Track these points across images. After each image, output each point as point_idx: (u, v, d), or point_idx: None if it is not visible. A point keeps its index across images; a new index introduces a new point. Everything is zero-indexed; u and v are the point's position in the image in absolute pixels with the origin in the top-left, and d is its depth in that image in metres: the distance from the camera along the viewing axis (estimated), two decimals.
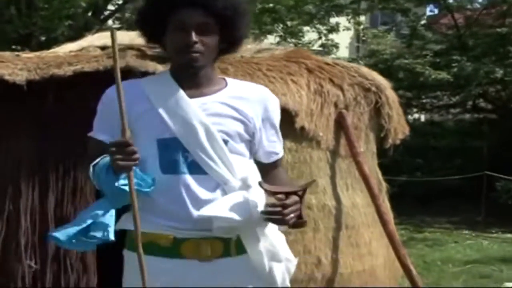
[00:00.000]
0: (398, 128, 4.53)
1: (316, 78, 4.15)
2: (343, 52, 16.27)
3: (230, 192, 2.00)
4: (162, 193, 1.98)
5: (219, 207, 1.95)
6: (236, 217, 1.93)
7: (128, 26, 12.49)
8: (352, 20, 14.03)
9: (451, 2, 11.71)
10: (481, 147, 11.19)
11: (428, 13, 15.44)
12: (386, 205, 4.13)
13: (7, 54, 3.87)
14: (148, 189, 1.93)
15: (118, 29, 11.80)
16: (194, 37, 1.97)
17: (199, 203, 1.96)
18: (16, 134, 3.54)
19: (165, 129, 2.01)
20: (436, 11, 14.98)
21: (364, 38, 15.03)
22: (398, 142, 4.60)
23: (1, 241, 3.57)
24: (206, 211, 1.94)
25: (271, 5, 12.65)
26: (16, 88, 3.47)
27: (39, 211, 3.63)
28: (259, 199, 1.98)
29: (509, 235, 8.18)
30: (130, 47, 3.81)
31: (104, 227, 1.90)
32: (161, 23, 2.05)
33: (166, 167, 2.00)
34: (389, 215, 4.01)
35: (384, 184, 4.42)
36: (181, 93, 2.03)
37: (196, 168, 2.00)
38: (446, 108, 12.79)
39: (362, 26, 15.12)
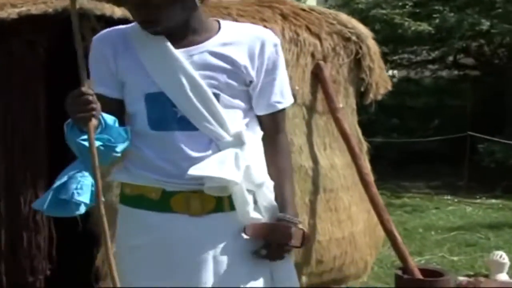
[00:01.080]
0: (380, 82, 4.62)
1: (292, 26, 4.18)
2: (310, 2, 16.26)
3: (223, 148, 2.04)
4: (152, 148, 2.04)
5: (210, 166, 2.00)
6: (227, 176, 1.98)
7: None
8: None
9: None
10: (461, 106, 11.42)
11: None
12: (367, 166, 4.21)
13: None
14: (122, 144, 1.96)
15: None
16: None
17: (191, 160, 2.01)
18: None
19: (152, 83, 2.04)
20: None
21: None
22: (379, 97, 4.70)
23: None
24: (196, 171, 1.99)
25: None
26: None
27: None
28: (253, 155, 2.06)
29: (493, 201, 8.41)
30: None
31: (78, 183, 1.92)
32: None
33: (155, 123, 2.05)
34: (371, 176, 4.10)
35: (364, 144, 4.51)
36: (167, 44, 2.04)
37: (186, 124, 2.04)
38: (424, 64, 12.93)
39: None
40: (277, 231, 2.07)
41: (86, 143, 1.86)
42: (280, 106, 2.18)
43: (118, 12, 3.61)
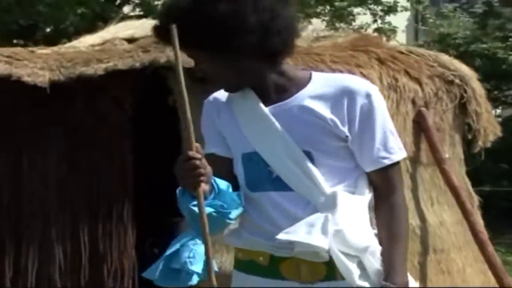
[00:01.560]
0: (489, 127, 4.52)
1: (390, 70, 4.16)
2: (400, 37, 16.16)
3: (320, 209, 2.05)
4: (255, 211, 2.10)
5: (298, 230, 2.02)
6: (313, 242, 1.99)
7: (146, 11, 12.63)
8: None
9: None
10: None
11: None
12: (480, 223, 4.09)
13: (19, 49, 4.00)
14: (235, 210, 2.02)
15: (139, 17, 11.94)
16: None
17: (290, 221, 2.04)
18: (40, 146, 3.65)
19: (247, 143, 2.10)
20: None
21: (430, 19, 14.87)
22: (488, 145, 4.58)
23: (35, 272, 3.70)
24: (285, 236, 2.01)
25: None
26: (37, 90, 3.55)
27: (70, 236, 3.74)
28: (347, 219, 2.03)
29: None
30: None
31: (190, 251, 1.98)
32: None
33: (252, 185, 2.10)
34: (485, 234, 3.98)
35: (475, 197, 4.39)
36: (257, 102, 2.11)
37: (282, 185, 2.07)
38: None
39: (421, 6, 14.99)
40: None
41: (196, 209, 1.90)
42: (387, 162, 2.11)
43: None
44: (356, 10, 13.70)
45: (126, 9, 13.63)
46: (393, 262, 2.08)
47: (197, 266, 1.97)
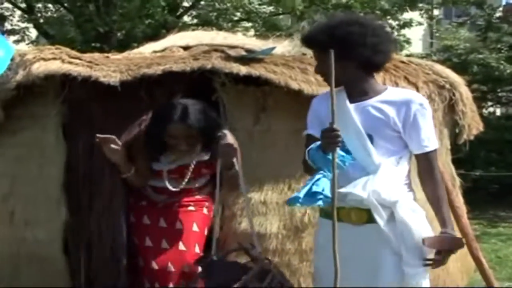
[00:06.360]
0: (472, 124, 4.59)
1: (392, 77, 4.25)
2: (417, 47, 16.07)
3: (370, 173, 2.58)
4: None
5: (352, 186, 2.57)
6: (357, 192, 2.54)
7: (202, 22, 12.78)
8: (425, 15, 13.85)
9: None
10: None
11: (503, 2, 15.05)
12: (459, 200, 4.20)
13: (97, 55, 4.16)
14: (344, 166, 2.56)
15: (195, 25, 12.08)
16: None
17: (349, 181, 2.60)
18: (112, 130, 3.74)
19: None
20: None
21: (437, 34, 14.79)
22: (472, 137, 4.66)
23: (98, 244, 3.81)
24: (343, 189, 2.56)
25: (344, 0, 12.65)
26: (110, 88, 3.75)
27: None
28: (383, 181, 2.57)
29: None
30: (215, 49, 4.02)
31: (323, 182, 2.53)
32: None
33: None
34: (462, 209, 4.08)
35: (457, 179, 4.48)
36: (345, 98, 2.67)
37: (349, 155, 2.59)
38: None
39: (435, 20, 14.88)
40: (445, 242, 2.56)
41: (330, 157, 2.52)
42: (427, 149, 2.68)
43: (243, 69, 3.85)
44: None
45: (186, 18, 13.82)
46: (444, 216, 2.66)
47: (328, 192, 2.48)
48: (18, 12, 14.36)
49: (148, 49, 4.76)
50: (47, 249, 3.90)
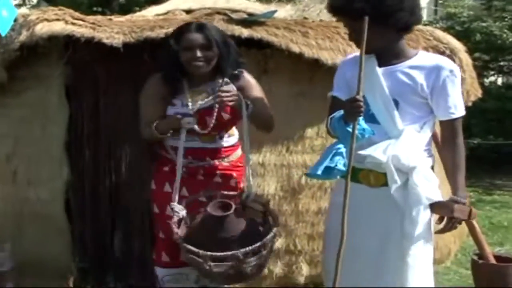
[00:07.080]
0: (471, 90, 4.64)
1: None
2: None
3: (392, 138, 2.57)
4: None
5: (373, 149, 2.57)
6: (376, 155, 2.54)
7: None
8: None
9: None
10: None
11: None
12: None
13: (100, 17, 4.16)
14: (362, 138, 2.55)
15: None
16: None
17: (371, 144, 2.58)
18: (115, 92, 3.86)
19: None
20: None
21: (441, 1, 14.65)
22: (470, 104, 4.70)
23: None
24: (363, 151, 2.57)
25: None
26: (113, 50, 3.75)
27: (136, 168, 3.97)
28: (403, 147, 2.55)
29: None
30: (218, 12, 4.04)
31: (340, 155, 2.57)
32: None
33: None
34: None
35: None
36: (374, 63, 2.62)
37: (373, 119, 2.62)
38: None
39: None
40: (454, 209, 2.54)
41: (350, 129, 2.52)
42: (453, 116, 2.62)
43: (245, 32, 3.88)
44: None
45: None
46: (458, 183, 2.64)
47: (342, 167, 2.53)
48: None
49: (150, 12, 4.79)
50: (49, 208, 3.98)
